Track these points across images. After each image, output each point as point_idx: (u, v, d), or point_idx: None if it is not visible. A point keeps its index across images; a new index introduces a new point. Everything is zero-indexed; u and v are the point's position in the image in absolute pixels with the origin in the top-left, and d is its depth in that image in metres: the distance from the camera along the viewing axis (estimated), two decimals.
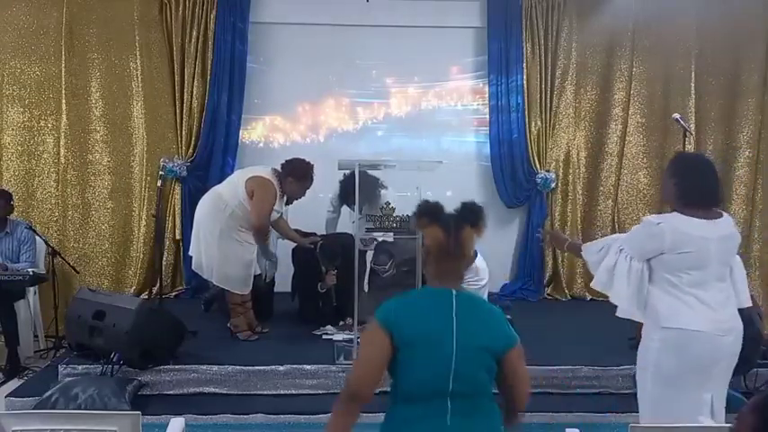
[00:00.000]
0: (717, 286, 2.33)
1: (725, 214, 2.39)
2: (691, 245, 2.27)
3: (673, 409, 2.30)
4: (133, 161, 5.52)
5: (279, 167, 4.21)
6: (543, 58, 5.61)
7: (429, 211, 1.72)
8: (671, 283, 2.32)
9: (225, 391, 3.72)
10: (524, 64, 5.57)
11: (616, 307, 2.47)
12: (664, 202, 2.56)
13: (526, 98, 5.58)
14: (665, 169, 2.51)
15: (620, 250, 2.42)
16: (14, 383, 4.02)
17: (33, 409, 3.34)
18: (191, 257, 4.39)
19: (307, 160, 4.25)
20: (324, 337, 4.33)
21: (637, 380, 2.53)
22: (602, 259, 2.47)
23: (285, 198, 4.26)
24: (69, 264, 4.87)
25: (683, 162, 2.50)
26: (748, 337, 2.50)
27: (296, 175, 4.17)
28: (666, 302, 2.32)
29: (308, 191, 4.32)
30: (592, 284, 2.60)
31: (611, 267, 2.42)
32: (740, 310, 2.43)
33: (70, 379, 3.61)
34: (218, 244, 4.03)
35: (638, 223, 2.48)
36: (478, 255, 4.36)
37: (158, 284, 4.75)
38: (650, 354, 2.36)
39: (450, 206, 1.74)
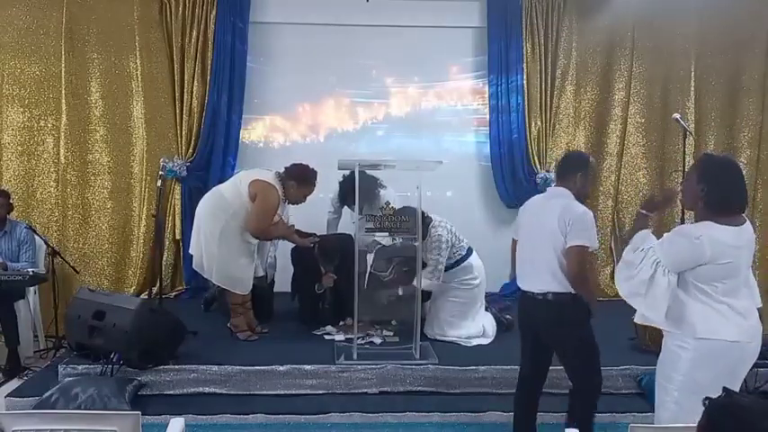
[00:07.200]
0: (744, 292, 2.28)
1: (746, 219, 2.30)
2: (728, 255, 2.19)
3: (697, 416, 2.27)
4: (133, 161, 5.52)
5: (282, 170, 4.21)
6: (543, 58, 5.61)
7: None
8: (704, 292, 2.23)
9: (225, 391, 3.72)
10: (524, 64, 5.56)
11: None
12: (687, 209, 2.41)
13: (526, 98, 5.57)
14: (689, 172, 2.36)
15: (657, 263, 2.27)
16: (14, 383, 4.01)
17: (33, 409, 3.33)
18: (191, 257, 4.39)
19: (311, 167, 4.24)
20: (325, 337, 4.34)
21: (657, 387, 2.41)
22: (637, 268, 2.31)
23: (287, 202, 4.27)
24: (69, 264, 4.87)
25: (714, 167, 2.31)
26: None
27: (299, 179, 4.17)
28: (701, 313, 2.24)
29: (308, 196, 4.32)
30: (621, 293, 2.39)
31: (648, 280, 2.27)
32: None
33: (70, 379, 3.61)
34: (219, 244, 4.03)
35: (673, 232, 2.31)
36: (473, 252, 4.36)
37: (158, 284, 4.75)
38: (681, 363, 2.27)
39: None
